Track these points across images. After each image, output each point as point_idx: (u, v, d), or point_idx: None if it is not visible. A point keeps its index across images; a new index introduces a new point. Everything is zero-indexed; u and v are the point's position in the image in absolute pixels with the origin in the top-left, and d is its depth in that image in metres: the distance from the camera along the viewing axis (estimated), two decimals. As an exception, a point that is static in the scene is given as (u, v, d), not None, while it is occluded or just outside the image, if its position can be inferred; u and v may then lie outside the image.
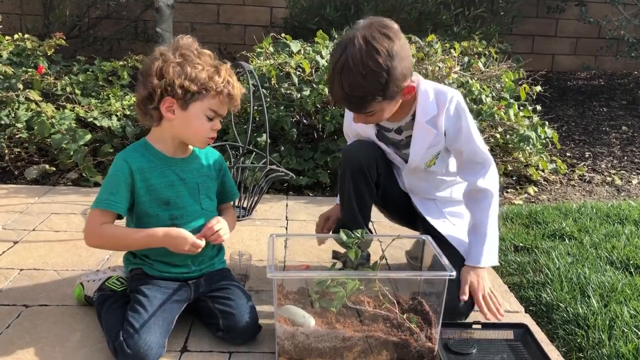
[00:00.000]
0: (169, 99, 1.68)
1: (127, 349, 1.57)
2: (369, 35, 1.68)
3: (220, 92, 1.69)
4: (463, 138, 1.92)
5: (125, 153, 1.76)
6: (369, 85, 1.70)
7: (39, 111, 3.36)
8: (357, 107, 1.80)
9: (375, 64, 1.67)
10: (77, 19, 5.53)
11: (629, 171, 4.09)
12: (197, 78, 1.66)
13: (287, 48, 3.70)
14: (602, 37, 6.25)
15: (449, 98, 1.89)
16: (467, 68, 3.86)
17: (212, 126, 1.74)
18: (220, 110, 1.73)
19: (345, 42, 1.71)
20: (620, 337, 1.82)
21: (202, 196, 1.82)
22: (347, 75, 1.69)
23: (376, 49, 1.67)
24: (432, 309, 1.72)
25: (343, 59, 1.69)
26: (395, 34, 1.72)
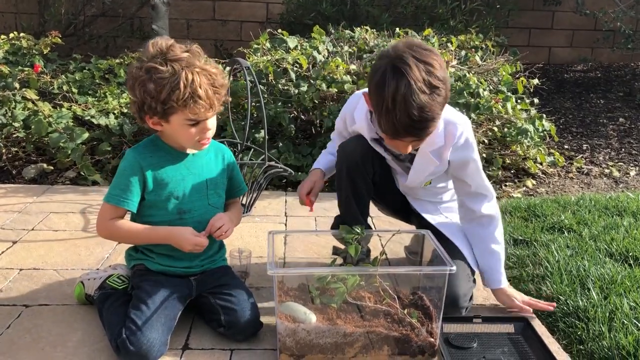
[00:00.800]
0: (148, 117, 1.69)
1: (129, 346, 1.58)
2: (418, 54, 1.61)
3: (185, 105, 1.63)
4: (469, 171, 1.91)
5: (136, 149, 1.77)
6: (435, 103, 1.62)
7: (36, 110, 3.36)
8: (423, 132, 1.67)
9: (436, 80, 1.61)
10: (72, 17, 5.51)
11: (627, 163, 4.10)
12: (159, 97, 1.62)
13: (284, 44, 3.70)
14: (599, 29, 6.25)
15: (458, 133, 1.84)
16: (464, 62, 3.85)
17: (199, 131, 1.71)
18: (198, 116, 1.67)
19: (397, 67, 1.59)
20: (620, 329, 1.83)
21: (211, 192, 1.83)
22: (414, 98, 1.57)
23: (431, 64, 1.61)
24: (432, 303, 1.72)
25: (404, 84, 1.57)
26: (432, 48, 1.70)
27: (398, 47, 1.65)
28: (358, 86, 3.36)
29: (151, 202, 1.76)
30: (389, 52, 1.66)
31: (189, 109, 1.64)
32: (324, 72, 3.41)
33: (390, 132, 1.66)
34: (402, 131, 1.64)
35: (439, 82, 1.61)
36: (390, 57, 1.63)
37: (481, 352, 1.73)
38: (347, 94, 3.33)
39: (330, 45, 3.76)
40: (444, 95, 1.64)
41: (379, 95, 1.62)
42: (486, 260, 1.98)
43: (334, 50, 3.72)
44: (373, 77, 1.66)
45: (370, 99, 1.70)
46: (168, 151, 1.78)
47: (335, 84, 3.37)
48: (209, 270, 1.86)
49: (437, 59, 1.64)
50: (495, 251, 1.96)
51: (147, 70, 1.63)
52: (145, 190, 1.75)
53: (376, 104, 1.65)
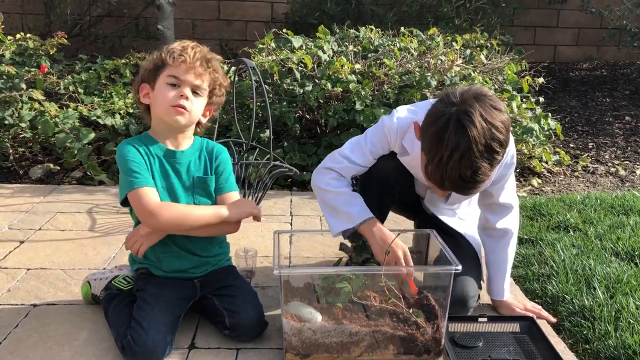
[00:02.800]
0: (143, 85, 1.77)
1: (135, 346, 1.59)
2: (486, 112, 1.51)
3: (174, 58, 1.70)
4: (501, 184, 1.88)
5: (127, 141, 1.78)
6: (490, 168, 1.55)
7: (43, 110, 3.37)
8: (468, 191, 1.62)
9: (498, 145, 1.52)
10: (78, 18, 5.53)
11: (633, 161, 4.08)
12: (157, 57, 1.75)
13: (289, 43, 3.70)
14: (604, 27, 6.22)
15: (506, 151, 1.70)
16: (469, 61, 3.85)
17: (177, 93, 1.71)
18: (179, 75, 1.70)
19: (461, 122, 1.50)
20: (626, 329, 1.82)
21: (197, 190, 1.81)
22: (471, 160, 1.50)
23: (497, 127, 1.52)
24: (438, 303, 1.72)
25: (465, 143, 1.48)
26: (499, 102, 1.58)
27: (466, 96, 1.54)
28: (362, 86, 3.36)
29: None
30: (456, 97, 1.55)
31: (173, 61, 1.70)
32: (328, 72, 3.41)
33: (436, 182, 1.59)
34: (448, 186, 1.58)
35: (500, 147, 1.53)
36: (457, 105, 1.53)
37: (487, 352, 1.73)
38: (351, 93, 3.34)
39: (335, 45, 3.76)
40: (501, 159, 1.58)
41: (436, 144, 1.53)
42: (491, 271, 1.99)
43: (338, 50, 3.72)
44: (434, 121, 1.55)
45: (424, 141, 1.60)
46: (156, 147, 1.78)
47: (340, 84, 3.38)
48: (213, 271, 1.87)
49: (504, 119, 1.55)
50: (501, 265, 1.96)
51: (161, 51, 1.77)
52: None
53: (429, 150, 1.56)
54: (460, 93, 1.56)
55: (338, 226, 1.83)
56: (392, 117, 1.84)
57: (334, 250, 2.36)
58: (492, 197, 1.91)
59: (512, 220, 1.96)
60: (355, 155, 1.88)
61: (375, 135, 1.88)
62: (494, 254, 1.98)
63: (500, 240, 1.97)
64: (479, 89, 1.58)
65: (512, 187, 1.93)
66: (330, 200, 1.86)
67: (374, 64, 3.55)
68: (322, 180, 1.89)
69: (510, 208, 1.94)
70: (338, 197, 1.84)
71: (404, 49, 3.72)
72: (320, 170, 1.92)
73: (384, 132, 1.85)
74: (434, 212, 2.08)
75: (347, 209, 1.81)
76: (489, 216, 1.96)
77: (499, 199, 1.91)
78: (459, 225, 2.06)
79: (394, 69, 3.49)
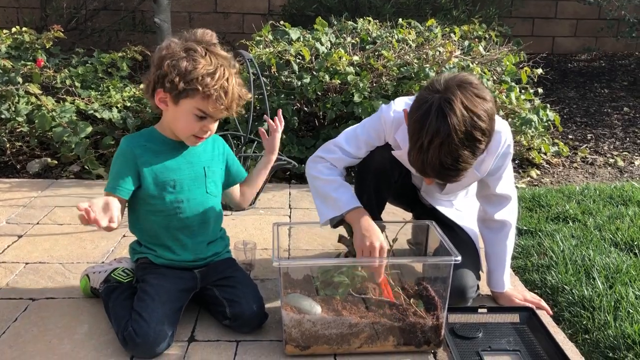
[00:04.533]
0: (161, 91, 1.66)
1: (137, 338, 1.59)
2: (468, 100, 1.52)
3: (208, 95, 1.62)
4: (498, 175, 1.88)
5: (131, 137, 1.77)
6: (471, 156, 1.55)
7: (39, 104, 3.36)
8: (450, 179, 1.64)
9: (479, 133, 1.53)
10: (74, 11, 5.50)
11: (632, 152, 4.08)
12: (188, 75, 1.60)
13: (287, 36, 3.68)
14: (603, 18, 6.21)
15: (502, 141, 1.78)
16: (468, 52, 3.83)
17: (202, 126, 1.68)
18: (210, 112, 1.66)
19: (442, 109, 1.51)
20: (625, 318, 1.83)
21: (209, 180, 1.82)
22: (451, 147, 1.51)
23: (479, 115, 1.52)
24: (437, 294, 1.72)
25: (444, 131, 1.49)
26: (484, 90, 1.58)
27: (450, 84, 1.55)
28: (361, 77, 3.35)
29: (148, 191, 1.74)
30: (440, 85, 1.56)
31: (210, 101, 1.62)
32: (326, 64, 3.40)
33: (417, 169, 1.61)
34: (429, 172, 1.59)
35: (482, 135, 1.53)
36: (440, 92, 1.54)
37: (486, 342, 1.74)
38: (350, 85, 3.33)
39: (333, 37, 3.74)
40: (484, 148, 1.58)
41: (418, 131, 1.54)
42: (491, 263, 1.99)
43: (336, 42, 3.70)
44: (417, 108, 1.57)
45: (408, 127, 1.61)
46: (164, 141, 1.77)
47: (338, 76, 3.36)
48: (213, 263, 1.87)
49: (487, 107, 1.55)
50: (500, 257, 1.96)
51: (186, 49, 1.64)
52: (140, 179, 1.73)
53: (412, 136, 1.58)
54: (444, 81, 1.57)
55: (326, 214, 1.84)
56: (390, 109, 1.84)
57: (332, 242, 2.35)
58: (489, 188, 1.91)
59: (510, 212, 1.95)
60: (349, 146, 1.89)
61: (372, 124, 1.88)
62: (493, 246, 1.98)
63: (499, 233, 1.96)
64: (464, 77, 1.58)
65: (509, 178, 1.92)
66: (320, 187, 1.87)
67: (372, 55, 3.54)
68: (315, 168, 1.90)
69: (508, 199, 1.93)
70: (328, 185, 1.85)
71: (402, 40, 3.71)
72: (314, 159, 1.93)
73: (380, 122, 1.85)
74: (431, 203, 2.08)
75: (335, 197, 1.82)
76: (487, 208, 1.96)
77: (496, 189, 1.90)
78: (456, 217, 2.05)
79: (392, 60, 3.47)
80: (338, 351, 1.66)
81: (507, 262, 1.97)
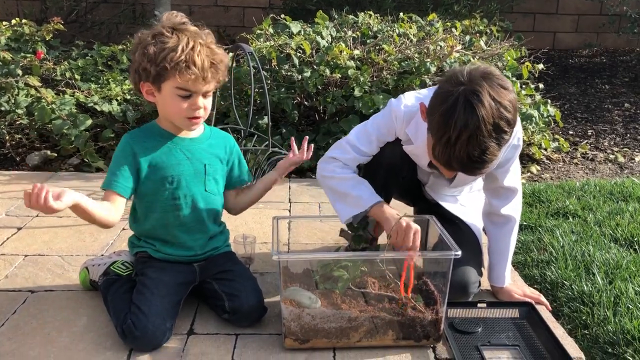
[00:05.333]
0: (143, 83, 1.67)
1: (135, 331, 1.58)
2: (494, 91, 1.49)
3: (176, 69, 1.59)
4: (506, 167, 1.87)
5: (131, 134, 1.76)
6: (498, 148, 1.53)
7: (39, 97, 3.35)
8: (476, 172, 1.61)
9: (506, 124, 1.51)
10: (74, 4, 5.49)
11: (632, 148, 4.08)
12: (155, 58, 1.59)
13: (287, 29, 3.67)
14: (604, 14, 6.19)
15: (513, 133, 1.69)
16: (469, 47, 3.82)
17: (190, 105, 1.65)
18: (189, 87, 1.63)
19: (469, 101, 1.48)
20: (625, 314, 1.82)
21: (209, 177, 1.80)
22: (480, 139, 1.49)
23: (505, 106, 1.50)
24: (437, 288, 1.72)
25: (474, 123, 1.47)
26: (507, 81, 1.56)
27: (474, 75, 1.52)
28: (361, 72, 3.34)
29: (147, 187, 1.74)
30: (463, 77, 1.52)
31: (181, 74, 1.60)
32: (327, 58, 3.39)
33: (443, 162, 1.57)
34: (456, 166, 1.56)
35: (508, 127, 1.51)
36: (465, 85, 1.51)
37: (486, 337, 1.73)
38: (350, 80, 3.32)
39: (334, 31, 3.73)
40: (508, 138, 1.56)
41: (444, 124, 1.51)
42: (493, 258, 1.98)
43: (337, 36, 3.69)
44: (442, 101, 1.52)
45: (431, 121, 1.57)
46: (164, 135, 1.76)
47: (338, 70, 3.35)
48: (213, 257, 1.86)
49: (512, 98, 1.53)
50: (503, 252, 1.96)
51: (153, 35, 1.64)
52: (139, 175, 1.72)
53: (437, 131, 1.54)
54: (467, 72, 1.54)
55: (348, 212, 1.83)
56: (400, 103, 1.82)
57: (332, 236, 2.35)
58: (497, 181, 1.90)
59: (515, 207, 1.95)
60: (361, 143, 1.88)
61: (382, 120, 1.88)
62: (497, 241, 1.98)
63: (503, 228, 1.96)
64: (487, 68, 1.56)
65: (517, 170, 1.91)
66: (337, 186, 1.86)
67: (373, 49, 3.53)
68: (327, 168, 1.90)
69: (515, 192, 1.93)
70: (345, 183, 1.85)
71: (403, 34, 3.70)
72: (326, 159, 1.93)
73: (391, 117, 1.84)
74: (435, 199, 2.07)
75: (356, 194, 1.82)
76: (493, 201, 1.95)
77: (503, 182, 1.89)
78: (460, 212, 2.05)
79: (393, 54, 3.46)
80: (337, 345, 1.66)
81: (509, 258, 1.97)
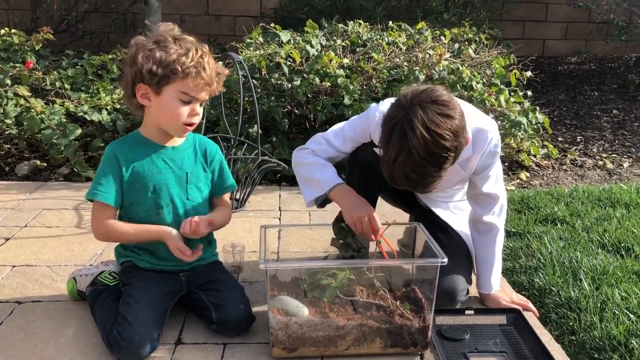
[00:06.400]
0: (142, 85, 1.66)
1: (122, 341, 1.58)
2: (430, 120, 1.52)
3: (187, 74, 1.63)
4: (484, 174, 1.89)
5: (115, 143, 1.77)
6: (436, 171, 1.58)
7: (28, 107, 3.34)
8: (424, 189, 1.67)
9: (443, 150, 1.54)
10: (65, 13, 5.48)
11: (620, 155, 4.11)
12: (164, 61, 1.62)
13: (277, 38, 3.69)
14: (592, 21, 6.25)
15: (488, 139, 1.80)
16: (458, 55, 3.85)
17: (189, 111, 1.68)
18: (193, 93, 1.66)
19: (404, 131, 1.53)
20: (611, 319, 1.84)
21: (191, 185, 1.80)
22: (413, 167, 1.55)
23: (441, 135, 1.52)
24: (424, 296, 1.73)
25: (405, 153, 1.53)
26: (452, 106, 1.58)
27: (415, 102, 1.55)
28: (351, 80, 3.35)
29: (130, 196, 1.74)
30: (407, 101, 1.57)
31: (190, 79, 1.63)
32: (317, 66, 3.40)
33: (387, 178, 1.64)
34: (399, 184, 1.62)
35: (446, 152, 1.54)
36: (405, 110, 1.55)
37: (473, 344, 1.74)
38: (340, 88, 3.33)
39: (324, 39, 3.75)
40: (452, 161, 1.59)
41: (385, 145, 1.59)
42: (479, 265, 2.00)
43: (327, 44, 3.71)
44: (385, 122, 1.61)
45: (379, 138, 1.64)
46: (146, 144, 1.76)
47: (328, 78, 3.37)
48: (199, 267, 1.85)
49: (453, 126, 1.54)
50: (489, 259, 1.97)
51: (156, 41, 1.66)
52: (122, 184, 1.73)
53: (381, 148, 1.62)
54: (411, 97, 1.58)
55: (310, 194, 1.90)
56: (377, 109, 1.85)
57: (322, 245, 2.36)
58: (476, 188, 1.92)
59: (498, 216, 1.96)
60: (335, 140, 1.94)
61: (359, 123, 1.92)
62: (481, 248, 1.99)
63: (487, 235, 1.97)
64: (431, 93, 1.58)
65: (496, 177, 1.92)
66: (304, 171, 1.94)
67: (363, 58, 3.54)
68: (298, 156, 1.99)
69: (496, 199, 1.94)
70: (310, 167, 1.92)
71: (393, 43, 3.72)
72: (299, 149, 2.02)
73: (367, 121, 1.88)
74: (428, 204, 2.08)
75: (318, 177, 1.88)
76: (476, 209, 1.97)
77: (482, 189, 1.91)
78: (451, 218, 2.05)
79: (382, 63, 3.48)
80: (325, 353, 1.66)
81: (494, 265, 1.98)
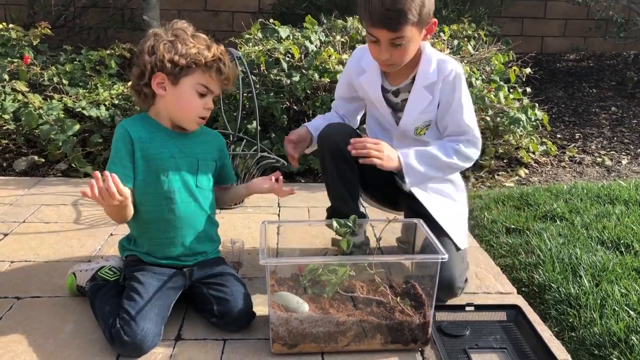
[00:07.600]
0: (160, 74, 1.70)
1: (124, 336, 1.57)
2: None
3: (210, 67, 1.71)
4: (452, 109, 1.94)
5: (126, 121, 1.76)
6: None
7: (26, 102, 3.33)
8: (395, 23, 1.75)
9: None
10: (62, 8, 5.46)
11: (619, 151, 4.11)
12: (186, 53, 1.69)
13: (276, 34, 3.68)
14: (591, 18, 6.25)
15: (449, 69, 1.92)
16: (457, 51, 3.85)
17: (204, 104, 1.74)
18: (211, 86, 1.74)
19: None
20: (611, 316, 1.84)
21: (200, 172, 1.81)
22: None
23: None
24: (425, 292, 1.73)
25: None
26: None
27: None
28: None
29: (140, 179, 1.73)
30: None
31: (211, 71, 1.71)
32: (316, 62, 3.40)
33: (366, 20, 1.78)
34: (376, 21, 1.75)
35: None
36: None
37: (473, 340, 1.74)
38: (339, 84, 3.32)
39: (323, 35, 3.74)
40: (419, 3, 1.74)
41: None
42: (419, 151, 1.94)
43: (326, 40, 3.70)
44: None
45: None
46: (158, 127, 1.77)
47: (327, 74, 3.36)
48: (203, 261, 1.86)
49: None
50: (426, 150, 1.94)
51: (175, 35, 1.72)
52: (134, 165, 1.72)
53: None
54: None
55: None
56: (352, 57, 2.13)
57: (321, 241, 2.35)
58: (446, 127, 1.97)
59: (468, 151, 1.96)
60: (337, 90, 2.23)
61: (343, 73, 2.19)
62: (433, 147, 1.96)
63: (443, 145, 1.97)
64: None
65: (468, 116, 1.95)
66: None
67: (362, 54, 3.53)
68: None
69: (468, 138, 1.96)
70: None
71: (392, 39, 3.71)
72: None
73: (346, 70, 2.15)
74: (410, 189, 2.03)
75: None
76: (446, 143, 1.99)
77: (455, 127, 1.95)
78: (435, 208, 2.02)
79: (381, 59, 3.47)
80: (325, 349, 1.66)
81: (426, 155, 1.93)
